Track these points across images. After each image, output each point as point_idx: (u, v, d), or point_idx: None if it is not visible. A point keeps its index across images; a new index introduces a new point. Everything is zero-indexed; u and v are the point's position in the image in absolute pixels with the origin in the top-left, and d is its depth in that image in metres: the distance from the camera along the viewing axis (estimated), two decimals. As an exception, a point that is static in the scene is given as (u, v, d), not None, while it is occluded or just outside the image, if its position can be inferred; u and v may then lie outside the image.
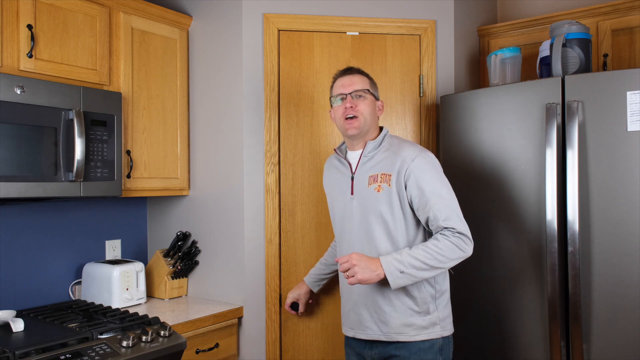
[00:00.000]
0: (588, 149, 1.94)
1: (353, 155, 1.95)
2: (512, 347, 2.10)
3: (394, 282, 1.72)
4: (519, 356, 2.08)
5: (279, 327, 2.45)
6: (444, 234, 1.74)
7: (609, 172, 1.90)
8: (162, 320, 2.10)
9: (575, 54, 2.13)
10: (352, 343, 1.97)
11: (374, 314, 1.85)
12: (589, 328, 1.92)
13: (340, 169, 1.99)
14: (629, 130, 1.86)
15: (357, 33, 2.46)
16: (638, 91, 1.84)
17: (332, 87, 1.98)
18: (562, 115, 1.98)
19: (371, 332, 1.86)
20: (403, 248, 1.79)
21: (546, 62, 2.24)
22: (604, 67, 2.37)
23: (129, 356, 1.81)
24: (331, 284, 2.35)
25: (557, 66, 2.12)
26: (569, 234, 1.93)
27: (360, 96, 1.88)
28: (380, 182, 1.83)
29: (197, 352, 2.22)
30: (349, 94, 1.88)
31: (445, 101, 2.33)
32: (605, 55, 2.38)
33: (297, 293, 2.30)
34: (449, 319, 1.87)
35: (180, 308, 2.41)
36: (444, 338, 1.83)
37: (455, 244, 1.73)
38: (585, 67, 2.13)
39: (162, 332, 1.98)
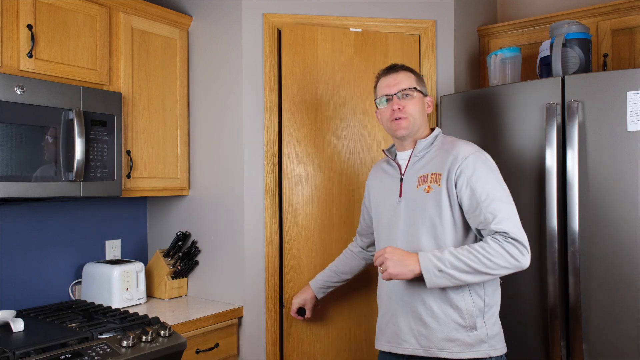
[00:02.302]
0: (588, 149, 1.94)
1: (403, 156, 1.81)
2: (512, 347, 2.10)
3: (430, 280, 1.55)
4: (519, 356, 2.07)
5: (279, 329, 2.45)
6: (496, 238, 1.55)
7: (609, 172, 1.90)
8: (162, 320, 2.10)
9: (575, 54, 2.13)
10: (386, 357, 1.80)
11: (413, 326, 1.68)
12: (589, 328, 1.92)
13: (388, 172, 1.85)
14: (629, 130, 1.86)
15: (359, 30, 2.42)
16: (638, 91, 1.84)
17: (375, 87, 1.84)
18: (562, 115, 1.98)
19: (409, 346, 1.69)
20: None
21: (546, 62, 2.24)
22: (604, 67, 2.37)
23: (129, 356, 1.81)
24: (340, 291, 2.29)
25: (557, 66, 2.12)
26: (569, 234, 1.93)
27: (407, 95, 1.75)
28: (430, 183, 1.67)
29: (197, 352, 2.22)
30: (395, 94, 1.75)
31: (445, 101, 2.33)
32: (605, 55, 2.38)
33: (302, 298, 2.18)
34: (499, 337, 1.68)
35: (180, 308, 2.41)
36: (492, 358, 1.64)
37: (507, 250, 1.52)
38: (585, 67, 2.13)
39: (162, 332, 1.98)
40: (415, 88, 1.76)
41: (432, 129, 1.83)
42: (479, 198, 1.59)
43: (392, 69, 1.81)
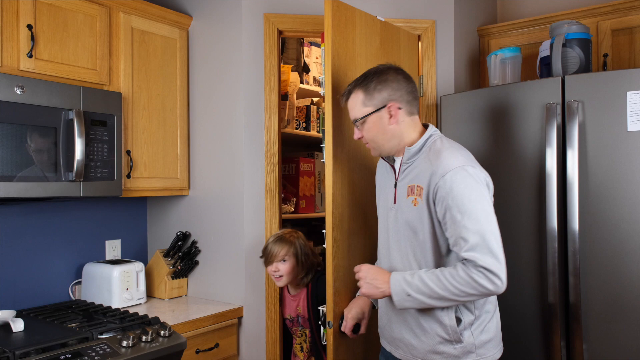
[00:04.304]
0: (588, 149, 1.94)
1: (398, 161, 1.73)
2: (512, 347, 2.10)
3: (399, 303, 1.56)
4: (519, 356, 2.07)
5: (279, 328, 2.45)
6: (465, 265, 1.48)
7: (609, 172, 1.90)
8: (162, 320, 2.10)
9: (575, 54, 2.13)
10: (387, 355, 1.80)
11: (404, 335, 1.68)
12: (589, 328, 1.92)
13: (388, 173, 1.77)
14: (629, 130, 1.86)
15: (383, 19, 2.24)
16: (638, 91, 1.84)
17: None
18: (562, 115, 1.98)
19: (402, 352, 1.70)
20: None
21: (546, 62, 2.24)
22: (604, 67, 2.37)
23: (129, 356, 1.81)
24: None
25: (557, 66, 2.12)
26: (569, 234, 1.93)
27: (362, 123, 1.67)
28: (416, 195, 1.60)
29: (197, 352, 2.22)
30: (354, 123, 1.70)
31: (445, 101, 2.33)
32: (605, 55, 2.38)
33: (358, 311, 1.88)
34: (490, 343, 1.61)
35: (180, 308, 2.41)
36: None
37: (475, 279, 1.46)
38: (585, 67, 2.13)
39: (162, 332, 1.98)
40: (362, 117, 1.65)
41: (426, 126, 1.70)
42: (453, 219, 1.50)
43: (344, 94, 1.72)
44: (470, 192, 1.51)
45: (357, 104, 1.67)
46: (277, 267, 2.24)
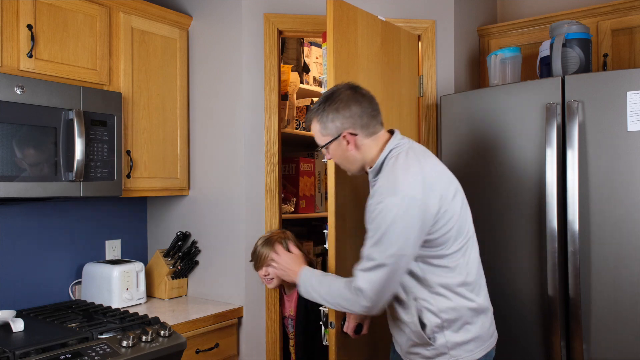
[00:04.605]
0: (588, 149, 1.94)
1: None
2: (512, 347, 2.10)
3: (301, 292, 1.74)
4: (519, 356, 2.08)
5: (279, 328, 2.45)
6: (350, 281, 1.57)
7: (609, 172, 1.90)
8: (162, 320, 2.10)
9: (575, 54, 2.13)
10: (393, 348, 1.83)
11: (392, 331, 1.75)
12: (589, 328, 1.92)
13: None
14: (629, 130, 1.86)
15: (384, 18, 2.25)
16: (638, 91, 1.84)
17: None
18: (562, 115, 1.98)
19: (397, 347, 1.75)
20: (404, 296, 1.63)
21: (546, 62, 2.24)
22: (604, 67, 2.38)
23: (129, 356, 1.81)
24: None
25: (557, 66, 2.12)
26: (569, 234, 1.93)
27: (325, 149, 1.69)
28: None
29: (197, 352, 2.22)
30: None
31: (445, 101, 2.33)
32: (605, 55, 2.38)
33: None
34: (469, 344, 1.60)
35: (180, 308, 2.41)
36: None
37: (347, 291, 1.56)
38: (585, 67, 2.13)
39: (162, 332, 1.98)
40: (323, 145, 1.68)
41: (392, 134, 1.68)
42: (367, 234, 1.55)
43: (306, 122, 1.76)
44: (381, 221, 1.49)
45: (317, 133, 1.68)
46: (266, 271, 2.23)
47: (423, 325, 1.59)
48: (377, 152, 1.65)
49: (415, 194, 1.49)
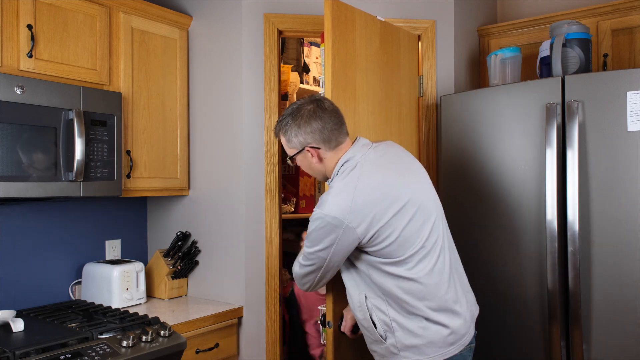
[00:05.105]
0: (588, 149, 1.94)
1: None
2: (512, 347, 2.10)
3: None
4: (519, 356, 2.08)
5: (279, 328, 2.45)
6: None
7: (609, 172, 1.90)
8: (162, 320, 2.10)
9: (575, 54, 2.13)
10: None
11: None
12: (589, 328, 1.92)
13: None
14: (629, 130, 1.86)
15: (383, 19, 2.25)
16: (638, 91, 1.84)
17: None
18: (562, 115, 1.98)
19: None
20: (356, 293, 1.69)
21: (546, 62, 2.24)
22: (604, 67, 2.38)
23: (129, 356, 1.81)
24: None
25: (557, 66, 2.12)
26: (569, 234, 1.93)
27: (294, 160, 1.76)
28: None
29: (197, 352, 2.22)
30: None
31: (445, 101, 2.33)
32: (605, 55, 2.38)
33: None
34: (425, 348, 1.58)
35: (180, 308, 2.41)
36: None
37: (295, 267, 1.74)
38: (585, 67, 2.13)
39: (162, 332, 1.98)
40: (290, 157, 1.74)
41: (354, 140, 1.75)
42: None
43: (274, 132, 1.81)
44: (310, 234, 1.60)
45: (284, 144, 1.74)
46: None
47: (374, 323, 1.65)
48: (335, 163, 1.69)
49: (334, 217, 1.53)
